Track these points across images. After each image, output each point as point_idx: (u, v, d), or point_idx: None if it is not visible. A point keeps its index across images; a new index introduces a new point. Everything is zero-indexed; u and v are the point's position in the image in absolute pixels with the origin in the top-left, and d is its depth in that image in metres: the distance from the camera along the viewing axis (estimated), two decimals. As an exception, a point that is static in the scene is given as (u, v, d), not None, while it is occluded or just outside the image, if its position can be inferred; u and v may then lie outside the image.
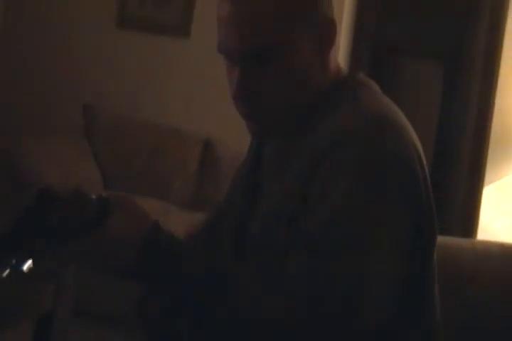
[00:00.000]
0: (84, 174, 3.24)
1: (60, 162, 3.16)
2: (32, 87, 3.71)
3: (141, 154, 3.35)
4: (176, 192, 3.27)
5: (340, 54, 3.64)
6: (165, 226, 0.99)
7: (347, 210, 0.93)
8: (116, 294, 2.62)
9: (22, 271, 0.96)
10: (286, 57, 1.00)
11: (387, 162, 0.95)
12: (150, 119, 3.48)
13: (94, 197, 0.95)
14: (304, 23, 1.01)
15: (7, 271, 0.96)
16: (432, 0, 5.80)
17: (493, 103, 3.35)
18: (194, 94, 3.60)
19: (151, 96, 3.62)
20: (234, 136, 2.61)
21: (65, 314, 1.65)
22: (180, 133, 3.40)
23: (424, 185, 1.01)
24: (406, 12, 6.16)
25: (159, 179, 3.29)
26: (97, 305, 2.74)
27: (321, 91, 1.05)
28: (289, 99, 1.03)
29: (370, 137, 0.96)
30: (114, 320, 2.69)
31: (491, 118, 3.35)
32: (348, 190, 0.93)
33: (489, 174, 3.35)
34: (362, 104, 1.03)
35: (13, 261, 0.96)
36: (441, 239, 1.07)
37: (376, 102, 1.05)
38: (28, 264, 0.96)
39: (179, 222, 2.52)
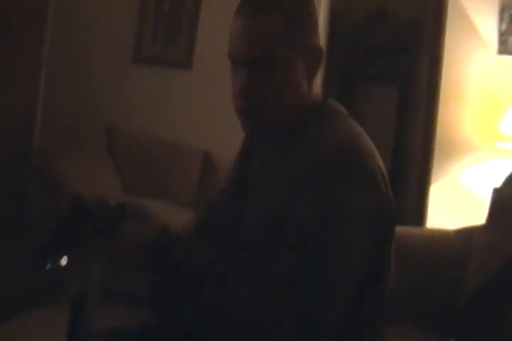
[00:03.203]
0: (108, 182, 3.25)
1: (88, 173, 3.16)
2: (64, 114, 3.72)
3: (153, 165, 3.34)
4: (182, 195, 3.26)
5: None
6: (172, 224, 0.98)
7: (322, 227, 0.89)
8: (135, 277, 2.61)
9: (60, 265, 0.98)
10: (285, 68, 0.99)
11: (355, 185, 0.91)
12: (160, 137, 3.47)
13: (113, 203, 0.96)
14: (300, 45, 1.00)
15: (49, 265, 0.98)
16: (385, 39, 5.87)
17: (436, 118, 3.37)
18: (195, 115, 3.60)
19: (160, 118, 3.63)
20: (228, 149, 2.62)
21: (93, 296, 1.66)
22: (184, 147, 3.40)
23: (387, 195, 0.97)
24: (368, 48, 6.22)
25: (168, 185, 3.28)
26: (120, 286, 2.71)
27: (306, 108, 1.03)
28: (282, 104, 1.01)
29: (341, 165, 0.93)
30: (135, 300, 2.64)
31: (435, 130, 3.37)
32: (323, 209, 0.89)
33: (434, 175, 3.38)
34: (336, 132, 0.99)
35: (53, 257, 0.97)
36: (398, 228, 1.04)
37: (347, 128, 1.01)
38: (64, 259, 0.98)
39: (184, 219, 2.54)
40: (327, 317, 0.89)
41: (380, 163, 1.00)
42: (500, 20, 3.26)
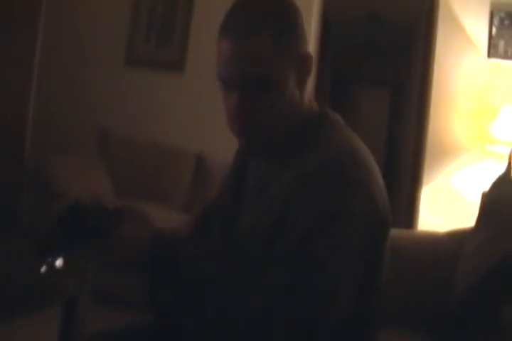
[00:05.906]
0: (100, 186, 3.22)
1: (80, 176, 3.14)
2: (56, 116, 3.72)
3: (145, 168, 3.33)
4: (174, 197, 3.26)
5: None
6: (166, 227, 0.98)
7: (318, 233, 0.90)
8: (130, 281, 2.62)
9: (55, 267, 0.98)
10: (278, 86, 0.97)
11: (350, 193, 0.92)
12: (153, 139, 3.46)
13: (111, 207, 0.96)
14: (291, 57, 0.98)
15: (44, 267, 0.98)
16: (378, 42, 5.92)
17: (428, 122, 3.39)
18: (188, 118, 3.61)
19: (153, 121, 3.63)
20: (221, 151, 2.62)
21: (86, 299, 1.66)
22: (177, 150, 3.39)
23: (382, 206, 0.97)
24: (360, 52, 6.26)
25: (161, 188, 3.27)
26: (114, 291, 2.70)
27: (301, 118, 1.03)
28: (278, 120, 1.00)
29: (336, 173, 0.93)
30: (129, 304, 2.64)
31: (426, 134, 3.39)
32: (318, 218, 0.90)
33: (426, 177, 3.39)
34: (332, 143, 0.99)
35: (49, 259, 0.97)
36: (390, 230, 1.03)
37: (344, 140, 1.01)
38: (59, 262, 0.98)
39: (177, 222, 2.53)
40: (328, 317, 0.90)
41: (378, 175, 0.99)
42: (491, 24, 3.29)
